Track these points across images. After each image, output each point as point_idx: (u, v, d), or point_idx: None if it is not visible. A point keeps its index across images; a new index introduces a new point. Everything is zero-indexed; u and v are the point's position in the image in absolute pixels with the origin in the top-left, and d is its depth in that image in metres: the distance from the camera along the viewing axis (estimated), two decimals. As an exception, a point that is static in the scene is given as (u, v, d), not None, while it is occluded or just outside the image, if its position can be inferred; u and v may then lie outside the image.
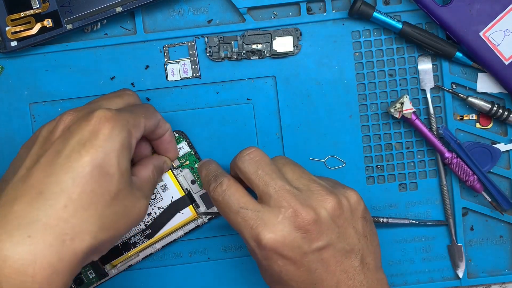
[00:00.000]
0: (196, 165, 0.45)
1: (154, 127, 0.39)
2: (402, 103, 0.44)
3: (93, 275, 0.45)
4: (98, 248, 0.34)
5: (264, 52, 0.45)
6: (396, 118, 0.45)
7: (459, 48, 0.44)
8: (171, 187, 0.45)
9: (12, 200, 0.32)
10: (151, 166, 0.41)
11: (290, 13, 0.46)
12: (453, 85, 0.46)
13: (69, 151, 0.33)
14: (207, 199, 0.45)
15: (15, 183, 0.33)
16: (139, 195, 0.37)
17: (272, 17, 0.46)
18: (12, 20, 0.43)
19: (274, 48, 0.45)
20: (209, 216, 0.45)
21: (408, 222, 0.46)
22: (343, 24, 0.45)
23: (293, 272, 0.37)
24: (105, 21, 0.44)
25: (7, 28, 0.43)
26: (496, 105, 0.45)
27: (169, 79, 0.45)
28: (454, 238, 0.46)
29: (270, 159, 0.39)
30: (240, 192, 0.38)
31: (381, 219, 0.46)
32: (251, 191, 0.39)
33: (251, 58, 0.45)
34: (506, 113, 0.45)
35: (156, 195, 0.45)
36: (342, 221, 0.37)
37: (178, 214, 0.45)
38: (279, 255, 0.36)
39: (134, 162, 0.41)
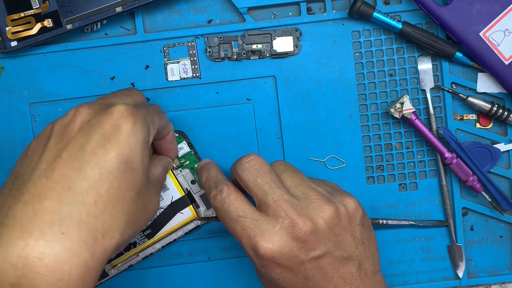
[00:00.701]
0: (196, 165, 0.45)
1: (163, 127, 0.40)
2: (402, 103, 0.44)
3: (93, 275, 0.45)
4: (122, 245, 0.34)
5: (264, 52, 0.45)
6: (396, 118, 0.45)
7: (459, 48, 0.44)
8: (171, 187, 0.45)
9: (39, 196, 0.31)
10: (160, 165, 0.41)
11: (290, 13, 0.46)
12: (453, 85, 0.46)
13: (94, 145, 0.32)
14: (207, 199, 0.45)
15: (37, 177, 0.32)
16: (154, 191, 0.37)
17: (272, 17, 0.46)
18: (12, 20, 0.43)
19: (274, 48, 0.45)
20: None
21: (407, 223, 0.46)
22: (343, 24, 0.45)
23: (290, 279, 0.37)
24: (105, 21, 0.44)
25: (7, 28, 0.43)
26: (496, 105, 0.45)
27: (169, 79, 0.45)
28: (454, 238, 0.46)
29: (269, 166, 0.39)
30: (240, 200, 0.38)
31: (380, 221, 0.46)
32: (251, 198, 0.39)
33: (251, 58, 0.45)
34: (506, 113, 0.45)
35: (156, 195, 0.45)
36: (339, 229, 0.37)
37: (178, 214, 0.45)
38: (276, 264, 0.37)
39: None
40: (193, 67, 0.45)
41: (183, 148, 0.45)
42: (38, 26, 0.43)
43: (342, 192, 0.40)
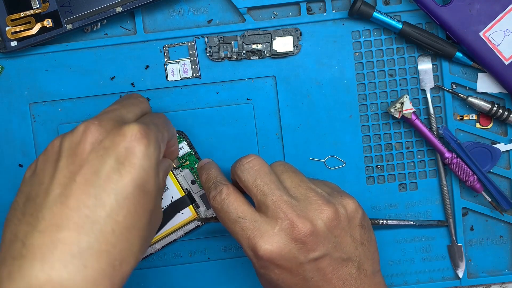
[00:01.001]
0: (196, 165, 0.45)
1: (172, 136, 0.39)
2: (402, 103, 0.44)
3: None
4: (134, 267, 0.34)
5: (264, 52, 0.45)
6: (396, 118, 0.45)
7: (459, 48, 0.44)
8: (171, 187, 0.45)
9: (57, 226, 0.31)
10: (161, 172, 0.40)
11: (290, 13, 0.46)
12: (453, 85, 0.46)
13: (109, 170, 0.32)
14: (207, 199, 0.45)
15: (53, 204, 0.31)
16: (160, 203, 0.37)
17: (272, 17, 0.46)
18: (12, 20, 0.43)
19: (274, 48, 0.45)
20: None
21: (407, 223, 0.46)
22: (343, 24, 0.45)
23: (289, 280, 0.37)
24: (105, 21, 0.44)
25: (7, 28, 0.43)
26: (496, 105, 0.45)
27: (169, 79, 0.45)
28: (454, 238, 0.46)
29: (269, 167, 0.39)
30: (239, 201, 0.38)
31: (380, 221, 0.46)
32: (251, 198, 0.39)
33: (251, 58, 0.45)
34: (506, 113, 0.45)
35: (156, 195, 0.45)
36: (339, 231, 0.37)
37: (178, 214, 0.45)
38: (275, 265, 0.37)
39: None
40: (193, 67, 0.45)
41: (183, 148, 0.45)
42: (38, 26, 0.43)
43: (341, 193, 0.40)
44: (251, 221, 0.37)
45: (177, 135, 0.45)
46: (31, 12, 0.43)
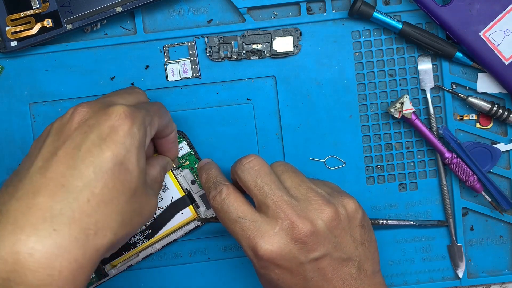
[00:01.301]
0: (196, 165, 0.45)
1: (164, 126, 0.40)
2: (402, 103, 0.44)
3: (93, 275, 0.45)
4: (115, 245, 0.34)
5: (264, 52, 0.45)
6: (396, 118, 0.45)
7: (459, 48, 0.44)
8: (171, 187, 0.45)
9: (33, 193, 0.32)
10: (158, 166, 0.41)
11: (290, 13, 0.46)
12: (453, 85, 0.46)
13: (90, 145, 0.33)
14: (207, 199, 0.45)
15: (33, 174, 0.33)
16: (151, 193, 0.37)
17: (272, 17, 0.46)
18: (12, 20, 0.43)
19: (274, 48, 0.45)
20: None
21: (407, 223, 0.46)
22: (343, 24, 0.45)
23: (289, 280, 0.37)
24: (105, 21, 0.44)
25: (7, 28, 0.43)
26: (496, 105, 0.45)
27: (169, 79, 0.45)
28: (454, 238, 0.46)
29: (269, 167, 0.39)
30: (239, 201, 0.38)
31: (380, 221, 0.46)
32: (251, 198, 0.39)
33: (251, 58, 0.45)
34: (506, 113, 0.45)
35: (156, 195, 0.45)
36: (339, 231, 0.37)
37: (178, 214, 0.45)
38: (275, 265, 0.37)
39: None
40: (193, 67, 0.45)
41: (183, 148, 0.45)
42: (38, 26, 0.43)
43: (342, 193, 0.40)
44: (251, 221, 0.37)
45: (177, 135, 0.45)
46: (31, 12, 0.43)
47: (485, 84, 0.46)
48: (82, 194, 0.32)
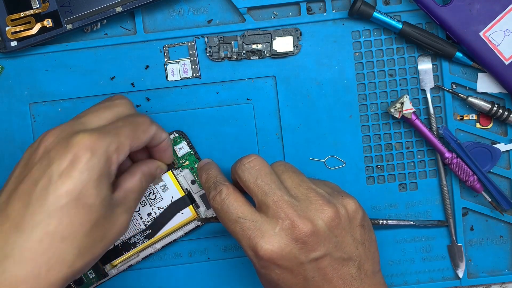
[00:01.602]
0: (196, 165, 0.45)
1: (144, 143, 0.38)
2: (402, 103, 0.44)
3: (93, 275, 0.45)
4: (74, 275, 0.34)
5: (264, 52, 0.45)
6: (396, 118, 0.45)
7: (459, 48, 0.44)
8: (171, 187, 0.45)
9: None
10: (139, 174, 0.40)
11: (290, 13, 0.46)
12: (453, 85, 0.46)
13: (47, 181, 0.33)
14: (207, 199, 0.45)
15: None
16: (120, 211, 0.37)
17: (272, 17, 0.46)
18: (12, 20, 0.43)
19: (274, 48, 0.45)
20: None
21: (407, 223, 0.46)
22: (343, 24, 0.45)
23: (290, 280, 0.37)
24: (105, 21, 0.44)
25: (7, 28, 0.43)
26: (496, 105, 0.45)
27: (169, 79, 0.45)
28: (454, 238, 0.46)
29: (270, 167, 0.39)
30: (239, 201, 0.38)
31: (380, 221, 0.46)
32: (251, 198, 0.39)
33: (251, 58, 0.45)
34: (506, 113, 0.45)
35: (156, 195, 0.45)
36: (339, 230, 0.37)
37: (178, 214, 0.45)
38: (276, 265, 0.37)
39: (123, 169, 0.40)
40: (193, 67, 0.45)
41: (183, 148, 0.45)
42: (38, 26, 0.43)
43: (342, 193, 0.40)
44: (251, 221, 0.37)
45: (177, 135, 0.45)
46: (31, 12, 0.43)
47: (485, 84, 0.46)
48: (35, 234, 0.32)
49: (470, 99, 0.45)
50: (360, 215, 0.39)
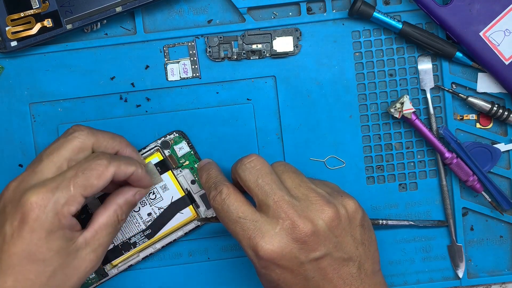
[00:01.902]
0: (196, 165, 0.45)
1: (102, 187, 0.37)
2: (402, 103, 0.44)
3: (93, 275, 0.45)
4: None
5: (264, 52, 0.45)
6: (396, 118, 0.45)
7: (459, 48, 0.44)
8: (171, 187, 0.45)
9: None
10: (113, 206, 0.39)
11: (290, 13, 0.46)
12: (453, 85, 0.46)
13: (1, 240, 0.35)
14: (207, 199, 0.45)
15: None
16: (86, 252, 0.37)
17: (272, 17, 0.46)
18: (12, 20, 0.43)
19: (274, 48, 0.45)
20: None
21: (407, 223, 0.46)
22: (343, 24, 0.45)
23: (290, 280, 0.37)
24: (105, 21, 0.44)
25: (7, 28, 0.43)
26: (496, 105, 0.45)
27: (169, 79, 0.45)
28: (454, 238, 0.46)
29: (270, 167, 0.39)
30: (239, 201, 0.38)
31: (380, 221, 0.46)
32: (251, 198, 0.39)
33: (251, 58, 0.45)
34: (506, 113, 0.45)
35: (156, 195, 0.45)
36: (339, 230, 0.37)
37: (178, 214, 0.45)
38: (276, 265, 0.37)
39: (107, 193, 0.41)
40: (193, 67, 0.45)
41: (183, 148, 0.45)
42: (38, 26, 0.43)
43: (342, 193, 0.40)
44: (252, 221, 0.37)
45: (177, 135, 0.45)
46: (31, 12, 0.43)
47: (485, 84, 0.46)
48: None
49: (470, 99, 0.45)
50: (360, 215, 0.39)
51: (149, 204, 0.44)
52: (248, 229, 0.37)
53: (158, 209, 0.45)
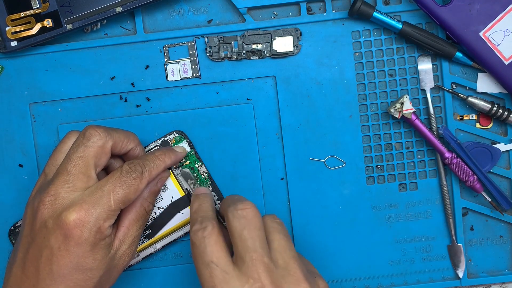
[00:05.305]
0: (196, 165, 0.45)
1: (137, 194, 0.39)
2: (402, 103, 0.44)
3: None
4: None
5: (264, 52, 0.45)
6: (396, 118, 0.45)
7: (459, 48, 0.44)
8: (171, 187, 0.45)
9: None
10: (139, 200, 0.40)
11: (290, 13, 0.46)
12: (453, 85, 0.46)
13: (48, 253, 0.36)
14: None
15: (15, 270, 0.38)
16: (122, 252, 0.40)
17: (272, 17, 0.46)
18: (12, 20, 0.43)
19: (274, 48, 0.45)
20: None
21: None
22: (343, 24, 0.45)
23: None
24: (105, 21, 0.44)
25: (7, 28, 0.43)
26: (496, 105, 0.45)
27: (169, 79, 0.45)
28: (454, 238, 0.46)
29: (261, 222, 0.37)
30: (219, 245, 0.36)
31: None
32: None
33: (251, 58, 0.45)
34: (506, 113, 0.45)
35: (156, 195, 0.45)
36: None
37: (178, 214, 0.45)
38: None
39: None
40: (193, 67, 0.45)
41: (184, 148, 0.45)
42: (38, 26, 0.43)
43: (315, 274, 0.38)
44: (222, 271, 0.35)
45: (178, 135, 0.45)
46: (31, 12, 0.43)
47: (485, 84, 0.46)
48: None
49: (470, 99, 0.45)
50: None
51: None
52: (215, 278, 0.35)
53: (158, 209, 0.45)
